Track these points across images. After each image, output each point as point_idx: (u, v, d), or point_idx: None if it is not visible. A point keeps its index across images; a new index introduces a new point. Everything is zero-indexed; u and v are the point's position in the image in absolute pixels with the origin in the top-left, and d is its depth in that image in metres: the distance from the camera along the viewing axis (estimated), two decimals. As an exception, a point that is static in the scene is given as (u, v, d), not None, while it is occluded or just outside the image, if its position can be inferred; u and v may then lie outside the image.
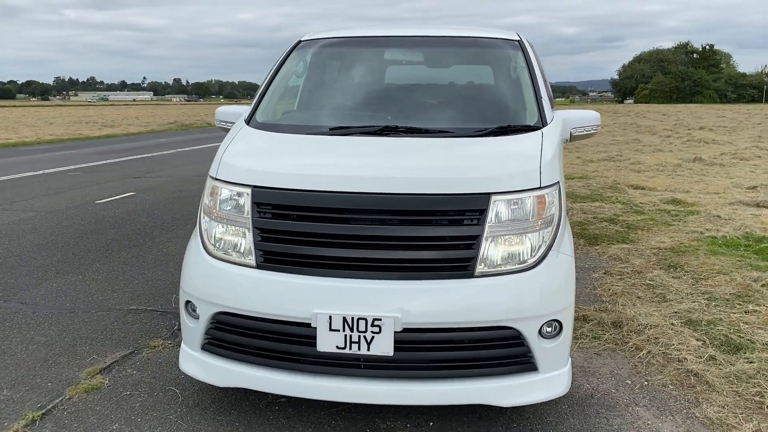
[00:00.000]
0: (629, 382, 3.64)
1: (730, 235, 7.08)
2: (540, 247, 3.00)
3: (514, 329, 2.90)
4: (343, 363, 2.95)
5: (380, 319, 2.81)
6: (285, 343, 2.99)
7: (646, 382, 3.63)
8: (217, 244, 3.16)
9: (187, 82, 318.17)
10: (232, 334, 3.10)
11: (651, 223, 7.90)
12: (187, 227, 7.84)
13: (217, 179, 3.25)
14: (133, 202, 9.65)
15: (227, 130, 4.23)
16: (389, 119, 3.69)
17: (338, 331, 2.85)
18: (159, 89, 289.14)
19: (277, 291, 2.95)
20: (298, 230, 2.98)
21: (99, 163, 15.48)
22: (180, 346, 3.33)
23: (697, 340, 4.13)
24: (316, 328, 2.86)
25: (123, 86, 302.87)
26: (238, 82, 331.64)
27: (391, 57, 4.34)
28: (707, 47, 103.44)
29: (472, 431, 3.12)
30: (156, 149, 19.67)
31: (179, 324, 4.47)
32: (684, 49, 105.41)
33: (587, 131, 3.96)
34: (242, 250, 3.08)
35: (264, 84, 4.05)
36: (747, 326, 4.36)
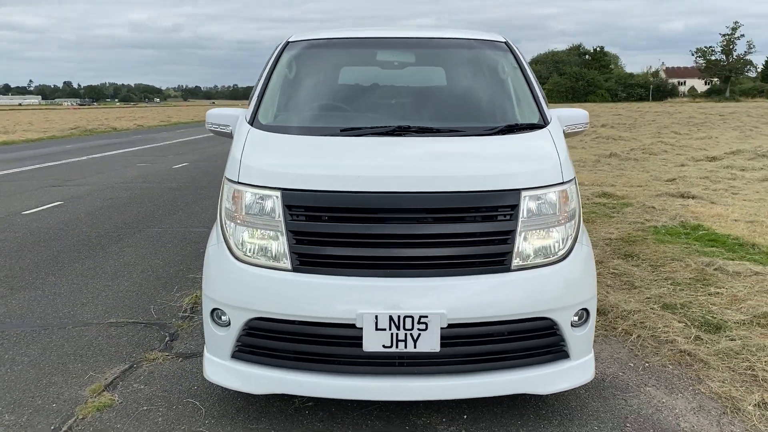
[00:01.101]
0: (632, 364, 3.86)
1: (668, 225, 7.57)
2: (566, 239, 3.14)
3: (550, 319, 3.02)
4: (384, 362, 2.97)
5: (427, 316, 2.85)
6: (327, 345, 2.97)
7: (647, 364, 3.86)
8: (246, 249, 3.10)
9: (79, 85, 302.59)
10: (268, 340, 3.04)
11: (593, 216, 8.31)
12: (135, 237, 7.53)
13: (240, 183, 3.17)
14: (65, 212, 9.15)
15: (220, 133, 4.13)
16: (398, 119, 3.72)
17: (384, 330, 2.86)
18: (48, 93, 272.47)
19: (319, 293, 2.93)
20: (336, 231, 2.97)
21: (9, 171, 14.53)
22: (173, 357, 3.22)
23: (679, 322, 4.42)
24: (361, 328, 2.87)
25: (6, 90, 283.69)
26: (135, 84, 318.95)
27: (384, 58, 4.37)
28: (598, 49, 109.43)
29: (504, 421, 3.22)
30: (66, 156, 18.64)
31: (170, 335, 4.33)
32: (577, 50, 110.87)
33: (578, 128, 4.15)
34: (275, 254, 3.03)
35: (261, 85, 3.98)
36: (716, 307, 4.71)
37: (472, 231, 2.98)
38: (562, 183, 3.17)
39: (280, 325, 3.00)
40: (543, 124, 3.71)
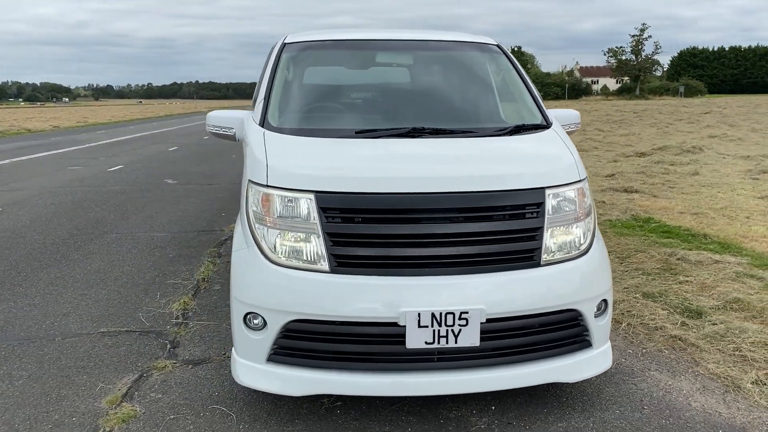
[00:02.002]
0: (630, 351, 4.08)
1: (622, 218, 7.98)
2: (587, 234, 3.31)
3: (576, 311, 3.18)
4: (422, 358, 3.04)
5: (467, 312, 2.95)
6: (367, 344, 3.01)
7: (644, 350, 4.09)
8: (281, 252, 3.10)
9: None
10: (306, 341, 3.06)
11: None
12: (95, 243, 7.26)
13: (269, 186, 3.16)
14: (9, 219, 8.69)
15: (221, 136, 4.11)
16: (408, 121, 3.79)
17: (427, 327, 2.94)
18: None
19: (360, 294, 2.97)
20: (374, 233, 3.02)
21: (-72, 177, 13.60)
22: (181, 365, 3.20)
23: (662, 309, 4.70)
24: (404, 326, 2.93)
25: None
26: (41, 83, 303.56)
27: (383, 60, 4.43)
28: (516, 49, 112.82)
29: (531, 410, 3.35)
30: (-13, 160, 17.60)
31: (170, 343, 4.24)
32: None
33: (571, 128, 4.34)
34: (312, 256, 3.05)
35: (265, 87, 3.97)
36: (690, 295, 5.03)
37: (504, 228, 3.10)
38: (579, 181, 3.34)
39: (319, 326, 3.02)
40: (546, 124, 3.88)
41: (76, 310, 4.96)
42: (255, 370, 3.14)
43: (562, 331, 3.19)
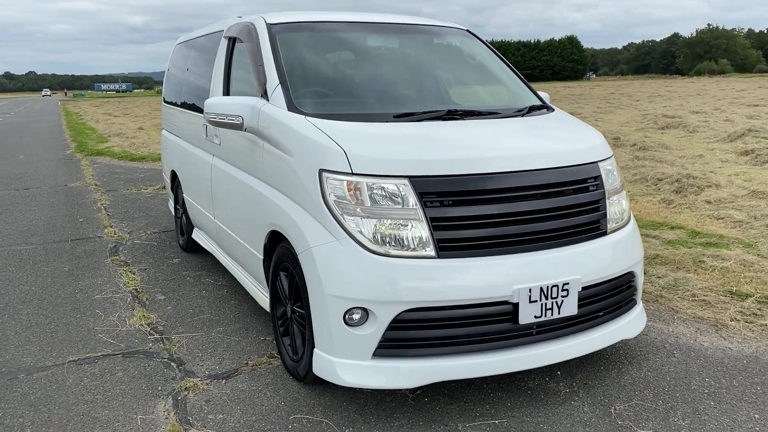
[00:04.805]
0: (616, 308, 4.52)
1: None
2: (627, 202, 3.62)
3: (632, 272, 3.49)
4: (523, 333, 3.10)
5: (568, 283, 3.09)
6: (480, 325, 3.00)
7: (626, 306, 4.56)
8: (382, 241, 2.95)
9: None
10: (416, 330, 2.97)
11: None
12: (-55, 263, 6.01)
13: (356, 174, 2.99)
14: None
15: (222, 125, 3.74)
16: (430, 103, 3.81)
17: (536, 301, 3.03)
18: None
19: (472, 276, 2.95)
20: (476, 214, 3.02)
21: None
22: (209, 380, 2.99)
23: (611, 270, 5.24)
24: (516, 303, 2.99)
25: None
26: None
27: (374, 42, 4.31)
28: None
29: (591, 368, 3.59)
30: None
31: (172, 360, 3.79)
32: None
33: (547, 110, 4.65)
34: (417, 242, 2.96)
35: (275, 70, 3.66)
36: (616, 255, 5.66)
37: (583, 201, 3.30)
38: (611, 156, 3.64)
39: (429, 313, 2.95)
40: (544, 104, 4.14)
41: (11, 343, 4.12)
42: (360, 367, 2.96)
43: (624, 292, 3.48)
